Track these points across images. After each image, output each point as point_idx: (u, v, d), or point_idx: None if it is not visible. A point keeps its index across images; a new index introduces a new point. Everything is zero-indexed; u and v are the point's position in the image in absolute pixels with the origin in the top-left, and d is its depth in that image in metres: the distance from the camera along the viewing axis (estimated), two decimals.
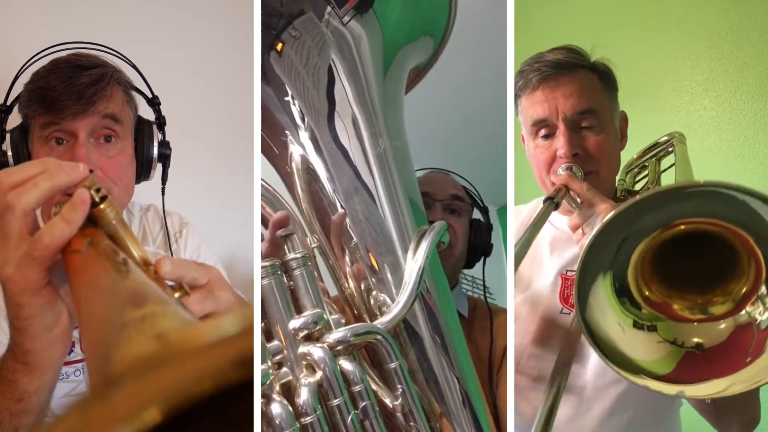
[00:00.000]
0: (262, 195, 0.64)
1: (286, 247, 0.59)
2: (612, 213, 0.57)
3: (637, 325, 0.63)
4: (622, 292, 0.62)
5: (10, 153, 0.84)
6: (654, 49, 1.43)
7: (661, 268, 0.64)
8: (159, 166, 0.93)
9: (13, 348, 0.54)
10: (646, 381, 0.59)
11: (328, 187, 0.60)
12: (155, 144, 0.91)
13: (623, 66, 0.95)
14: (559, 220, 0.97)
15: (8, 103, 0.86)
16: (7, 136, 0.85)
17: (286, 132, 0.60)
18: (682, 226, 0.60)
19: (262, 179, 0.65)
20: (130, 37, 1.08)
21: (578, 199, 0.80)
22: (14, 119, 0.87)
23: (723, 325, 0.62)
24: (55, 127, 0.81)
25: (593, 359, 0.85)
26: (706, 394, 0.59)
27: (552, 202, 0.78)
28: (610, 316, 0.61)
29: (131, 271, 0.45)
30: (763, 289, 0.60)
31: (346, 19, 0.59)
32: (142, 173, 0.91)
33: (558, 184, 0.82)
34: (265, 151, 0.64)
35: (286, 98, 0.59)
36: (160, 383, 0.25)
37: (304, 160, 0.60)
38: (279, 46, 0.58)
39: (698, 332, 0.63)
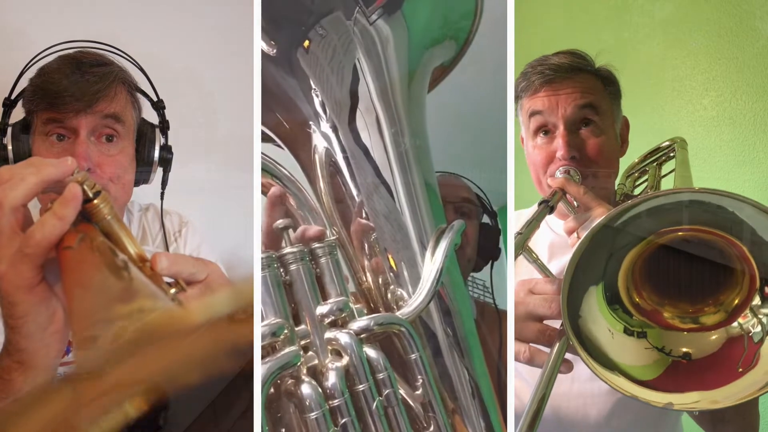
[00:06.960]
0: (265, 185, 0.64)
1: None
2: (587, 233, 0.57)
3: (627, 332, 0.62)
4: (613, 300, 0.62)
5: (10, 147, 0.84)
6: (654, 49, 1.43)
7: (653, 275, 0.64)
8: (159, 170, 0.93)
9: (8, 347, 0.53)
10: (633, 388, 0.59)
11: (349, 181, 0.60)
12: (156, 147, 0.91)
13: (622, 66, 0.95)
14: (558, 225, 0.97)
15: (13, 97, 0.86)
16: (9, 129, 0.85)
17: (310, 124, 0.60)
18: (678, 233, 0.59)
19: (271, 163, 0.65)
20: (138, 38, 1.08)
21: (575, 203, 0.79)
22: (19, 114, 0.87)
23: (714, 336, 0.61)
24: (56, 123, 0.81)
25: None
26: (694, 407, 0.58)
27: (547, 206, 0.77)
28: (601, 323, 0.61)
29: (126, 268, 0.44)
30: (756, 299, 0.59)
31: (373, 18, 0.60)
32: (142, 176, 0.91)
33: (554, 187, 0.81)
34: (287, 141, 0.64)
35: (312, 91, 0.59)
36: (143, 368, 0.24)
37: (328, 153, 0.60)
38: (306, 44, 0.58)
39: (687, 342, 0.62)
